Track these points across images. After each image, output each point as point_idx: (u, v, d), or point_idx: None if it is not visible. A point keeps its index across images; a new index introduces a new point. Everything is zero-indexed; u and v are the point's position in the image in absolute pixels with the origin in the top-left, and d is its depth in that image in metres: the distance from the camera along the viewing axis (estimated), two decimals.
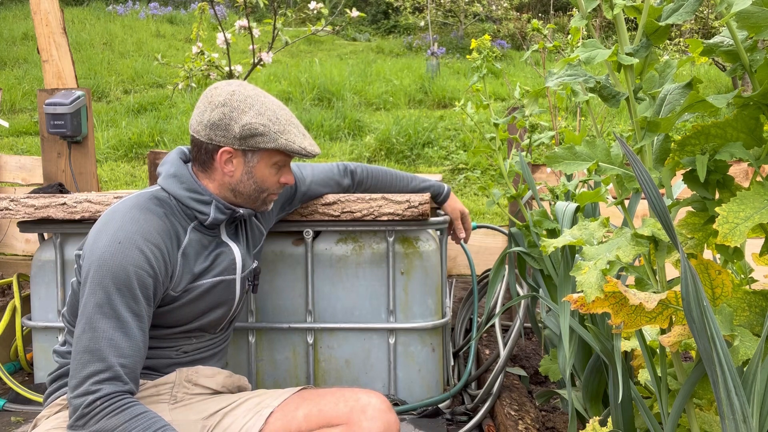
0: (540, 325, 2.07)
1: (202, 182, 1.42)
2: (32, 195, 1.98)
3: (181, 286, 1.35)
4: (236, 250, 1.48)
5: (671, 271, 1.95)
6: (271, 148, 1.38)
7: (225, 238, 1.47)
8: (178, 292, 1.35)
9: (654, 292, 0.98)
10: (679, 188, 1.25)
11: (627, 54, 0.97)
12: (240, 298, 1.50)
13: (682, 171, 1.03)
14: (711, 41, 0.97)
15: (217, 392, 1.43)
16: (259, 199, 1.46)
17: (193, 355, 1.43)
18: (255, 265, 1.56)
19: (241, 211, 1.45)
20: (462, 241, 2.01)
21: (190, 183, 1.40)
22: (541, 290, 1.85)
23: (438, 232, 1.98)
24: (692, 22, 8.17)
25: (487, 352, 2.28)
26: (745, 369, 0.88)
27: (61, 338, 1.46)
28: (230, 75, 3.05)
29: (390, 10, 12.63)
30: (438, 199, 1.94)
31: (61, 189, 2.60)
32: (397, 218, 1.79)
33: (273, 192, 1.47)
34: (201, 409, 1.34)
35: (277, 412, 1.29)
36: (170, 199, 1.39)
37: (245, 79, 3.04)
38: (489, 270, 2.44)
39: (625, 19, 1.00)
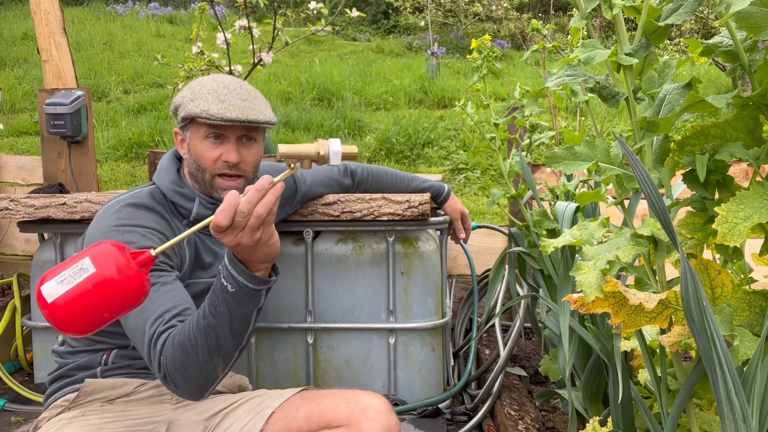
0: (540, 325, 2.07)
1: (186, 177, 1.44)
2: (32, 195, 1.98)
3: (189, 271, 1.37)
4: None
5: (671, 271, 1.95)
6: (183, 116, 1.37)
7: None
8: (185, 278, 1.35)
9: (654, 292, 0.98)
10: (679, 188, 1.25)
11: (626, 54, 0.97)
12: None
13: (682, 171, 1.03)
14: (710, 41, 0.97)
15: (218, 392, 1.43)
16: (205, 181, 1.40)
17: None
18: None
19: None
20: (462, 241, 2.01)
21: (174, 176, 1.42)
22: (541, 290, 1.85)
23: (438, 232, 1.98)
24: (692, 22, 8.17)
25: (487, 352, 2.28)
26: (744, 369, 0.88)
27: (60, 338, 1.46)
28: (230, 75, 3.04)
29: (390, 10, 12.63)
30: (438, 200, 1.94)
31: (61, 189, 2.60)
32: (397, 218, 1.79)
33: (216, 171, 1.39)
34: (203, 410, 1.34)
35: (278, 412, 1.29)
36: (163, 197, 1.40)
37: (245, 79, 3.04)
38: (489, 270, 2.44)
39: (624, 19, 1.00)
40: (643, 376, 1.39)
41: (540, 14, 11.65)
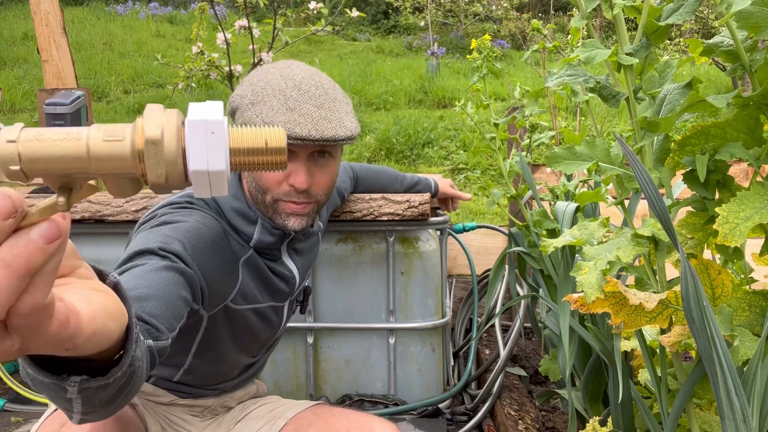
0: (540, 325, 2.07)
1: (246, 192, 1.18)
2: (32, 195, 1.98)
3: (237, 301, 1.18)
4: (296, 273, 1.31)
5: (671, 271, 1.95)
6: (241, 125, 1.00)
7: (285, 258, 1.28)
8: (238, 305, 1.18)
9: (654, 292, 0.98)
10: (679, 188, 1.25)
11: (627, 54, 0.97)
12: (286, 321, 1.38)
13: (682, 171, 1.03)
14: (711, 41, 0.97)
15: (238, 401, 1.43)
16: (266, 203, 1.15)
17: (231, 391, 1.39)
18: (306, 283, 1.41)
19: (292, 234, 1.20)
20: (462, 242, 2.01)
21: (235, 188, 1.17)
22: (541, 290, 1.85)
23: (438, 232, 1.98)
24: (692, 22, 8.18)
25: (487, 352, 2.28)
26: (745, 369, 0.88)
27: None
28: (230, 75, 3.05)
29: (390, 10, 12.63)
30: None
31: None
32: (397, 218, 1.79)
33: (280, 197, 1.13)
34: (222, 420, 1.35)
35: (290, 424, 1.27)
36: (219, 209, 1.17)
37: None
38: (489, 270, 2.44)
39: (625, 19, 1.00)
40: (643, 376, 1.39)
41: (540, 14, 11.66)
